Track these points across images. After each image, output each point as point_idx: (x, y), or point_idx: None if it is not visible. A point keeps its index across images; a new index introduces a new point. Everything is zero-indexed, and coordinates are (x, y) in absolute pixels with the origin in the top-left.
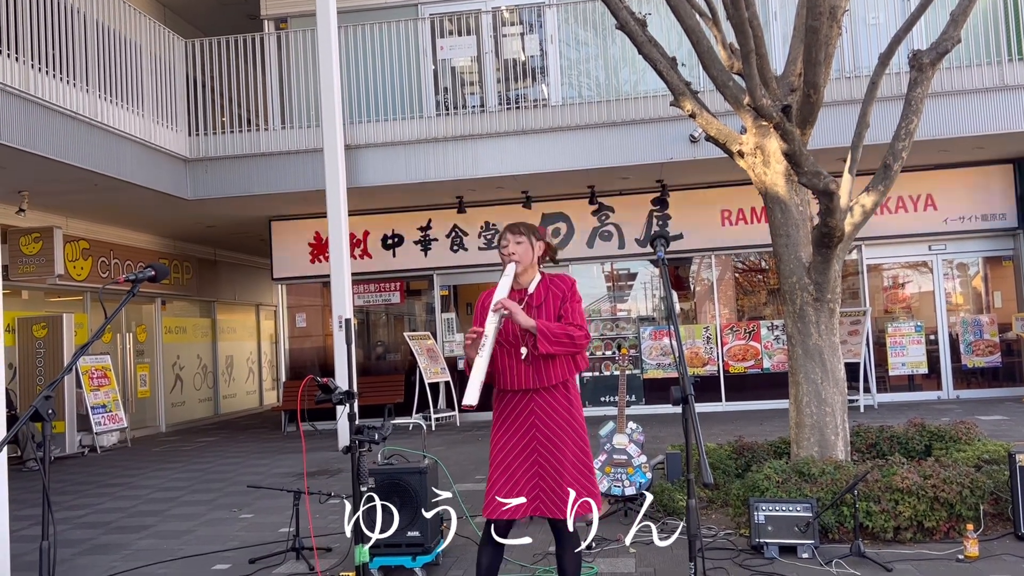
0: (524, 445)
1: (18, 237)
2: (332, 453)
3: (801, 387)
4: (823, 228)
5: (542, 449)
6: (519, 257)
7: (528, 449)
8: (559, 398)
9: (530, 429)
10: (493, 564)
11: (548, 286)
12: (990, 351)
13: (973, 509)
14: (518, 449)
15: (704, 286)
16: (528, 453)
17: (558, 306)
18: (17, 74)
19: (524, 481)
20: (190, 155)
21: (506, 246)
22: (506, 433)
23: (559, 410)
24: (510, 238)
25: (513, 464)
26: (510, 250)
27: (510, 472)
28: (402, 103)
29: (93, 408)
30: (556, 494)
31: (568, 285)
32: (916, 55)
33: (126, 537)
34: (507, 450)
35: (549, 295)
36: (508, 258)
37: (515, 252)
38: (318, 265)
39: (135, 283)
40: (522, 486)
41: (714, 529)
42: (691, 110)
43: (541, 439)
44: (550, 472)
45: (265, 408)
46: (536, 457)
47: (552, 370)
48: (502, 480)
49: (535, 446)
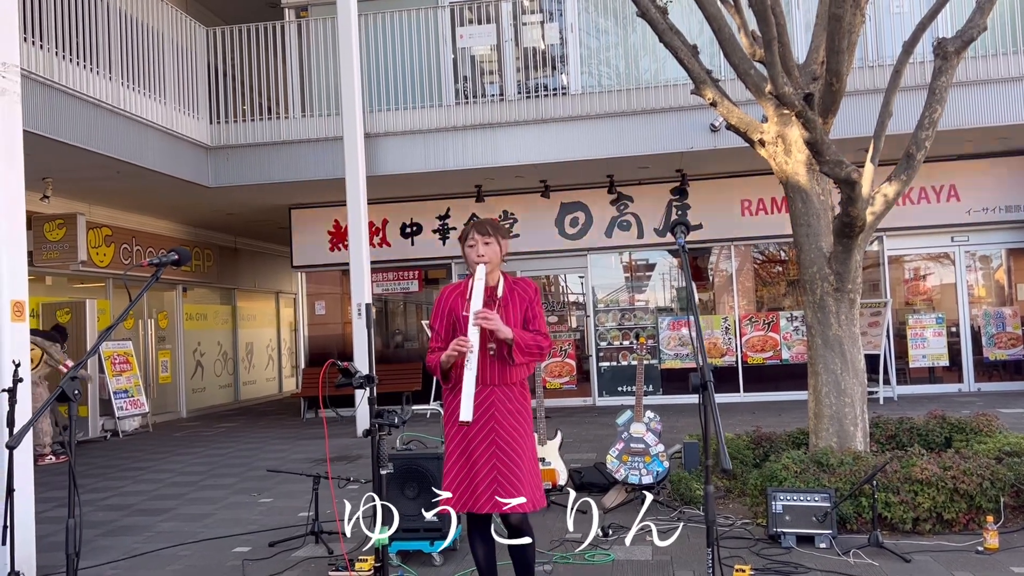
0: (483, 438)
1: (42, 223)
2: (351, 439)
3: (820, 377)
4: (844, 218)
5: (501, 443)
6: (488, 258)
7: (487, 442)
8: (515, 395)
9: (489, 422)
10: (489, 554)
11: (512, 287)
12: (1012, 344)
13: (993, 501)
14: (477, 442)
15: (723, 277)
16: (487, 447)
17: (524, 309)
18: (41, 61)
19: (483, 476)
20: (211, 143)
21: (473, 246)
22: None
23: (515, 406)
24: (478, 238)
25: (472, 458)
26: (479, 251)
27: (468, 467)
28: (422, 91)
29: (115, 393)
30: (509, 490)
31: (533, 290)
32: (941, 43)
33: (148, 519)
34: (465, 444)
35: (515, 296)
36: (478, 260)
37: (484, 254)
38: (337, 253)
39: (159, 267)
40: (479, 480)
41: (731, 518)
42: (712, 98)
43: (501, 433)
44: (507, 466)
45: (285, 395)
46: (495, 450)
47: (516, 369)
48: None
49: (493, 438)
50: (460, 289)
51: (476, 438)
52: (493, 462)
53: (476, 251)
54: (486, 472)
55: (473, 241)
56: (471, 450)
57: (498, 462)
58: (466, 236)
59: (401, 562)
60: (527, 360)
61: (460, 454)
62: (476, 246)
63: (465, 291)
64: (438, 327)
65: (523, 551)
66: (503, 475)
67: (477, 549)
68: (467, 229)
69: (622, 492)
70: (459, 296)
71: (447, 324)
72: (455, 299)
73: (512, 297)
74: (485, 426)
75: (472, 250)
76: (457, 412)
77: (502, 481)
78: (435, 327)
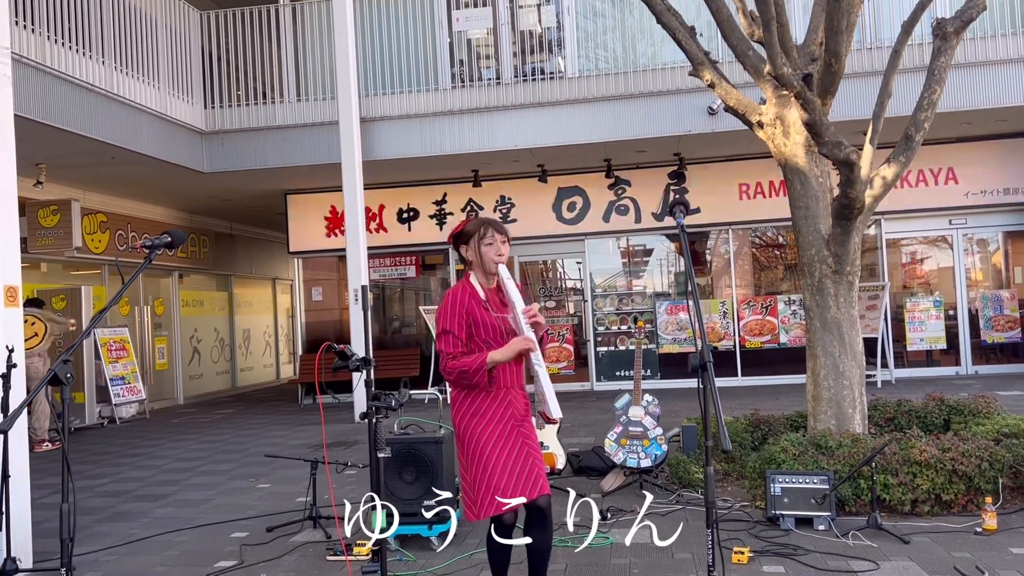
0: (515, 438)
1: (36, 209)
2: (348, 425)
3: (819, 360)
4: (843, 199)
5: (528, 439)
6: (505, 258)
7: (519, 442)
8: (523, 396)
9: (512, 421)
10: (506, 560)
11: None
12: (1010, 326)
13: (992, 482)
14: (511, 443)
15: (721, 261)
16: (520, 446)
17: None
18: (34, 46)
19: (524, 475)
20: (206, 128)
21: (492, 244)
22: (497, 427)
23: (524, 402)
24: (497, 237)
25: (510, 459)
26: (500, 251)
27: (510, 468)
28: (418, 76)
29: (112, 380)
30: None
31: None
32: (940, 23)
33: (145, 505)
34: (501, 446)
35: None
36: (498, 259)
37: (503, 254)
38: (334, 239)
39: (152, 249)
40: (521, 479)
41: (730, 501)
42: (710, 80)
43: (525, 431)
44: (537, 452)
45: (282, 381)
46: (527, 448)
47: (525, 370)
48: (504, 477)
49: (522, 438)
50: (471, 291)
51: (512, 434)
52: (528, 450)
53: (496, 249)
54: (534, 461)
55: (492, 240)
56: (511, 443)
57: (531, 449)
58: (482, 235)
59: (399, 546)
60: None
61: (504, 447)
62: (495, 244)
63: (476, 294)
64: (457, 331)
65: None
66: (538, 461)
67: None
68: (476, 227)
69: (620, 476)
70: (471, 299)
71: (466, 329)
72: (469, 302)
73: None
74: (514, 419)
75: (491, 248)
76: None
77: (540, 466)
78: (452, 330)
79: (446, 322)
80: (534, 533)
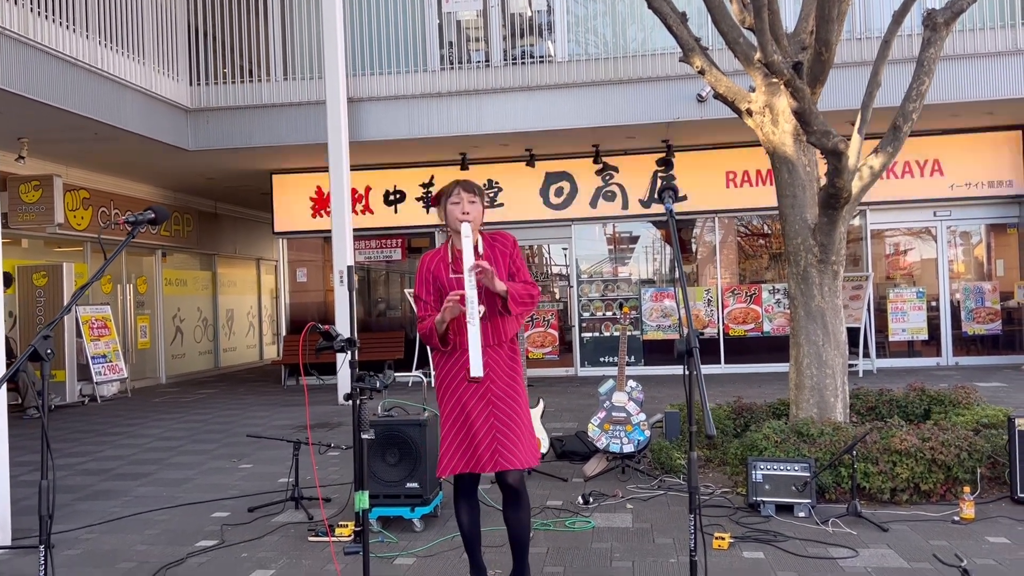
0: (478, 399)
1: (17, 185)
2: (332, 407)
3: (802, 348)
4: (830, 189)
5: (498, 402)
6: (473, 216)
7: (483, 403)
8: (504, 355)
9: (484, 383)
10: (473, 519)
11: (492, 243)
12: (991, 319)
13: (970, 472)
14: (472, 403)
15: (707, 248)
16: (483, 407)
17: (507, 263)
18: (16, 18)
19: (482, 435)
20: (191, 105)
21: (458, 203)
22: (459, 389)
23: (505, 366)
24: (464, 196)
25: (470, 419)
26: (464, 208)
27: (467, 427)
28: (406, 56)
29: (93, 358)
30: (510, 448)
31: (511, 242)
32: (930, 14)
33: (125, 484)
34: (462, 406)
35: (495, 252)
36: (463, 217)
37: (469, 211)
38: (319, 220)
39: (135, 225)
40: (479, 440)
41: (711, 487)
42: (700, 66)
43: (496, 392)
44: (506, 424)
45: (265, 362)
46: (492, 409)
47: (506, 327)
48: (460, 436)
49: (490, 398)
50: (440, 255)
51: (472, 399)
52: (492, 422)
53: (461, 208)
54: (485, 432)
55: (458, 198)
56: (468, 411)
57: (496, 421)
58: (449, 193)
59: (382, 527)
60: (522, 310)
61: (458, 416)
62: (461, 203)
63: (446, 256)
64: (424, 295)
65: (520, 520)
66: (502, 434)
67: (463, 515)
68: (449, 186)
69: (603, 460)
70: (440, 262)
71: (433, 291)
72: (437, 265)
73: (493, 252)
74: (480, 387)
75: (457, 207)
76: (452, 374)
77: (502, 440)
78: (421, 296)
79: (417, 287)
80: (507, 512)
